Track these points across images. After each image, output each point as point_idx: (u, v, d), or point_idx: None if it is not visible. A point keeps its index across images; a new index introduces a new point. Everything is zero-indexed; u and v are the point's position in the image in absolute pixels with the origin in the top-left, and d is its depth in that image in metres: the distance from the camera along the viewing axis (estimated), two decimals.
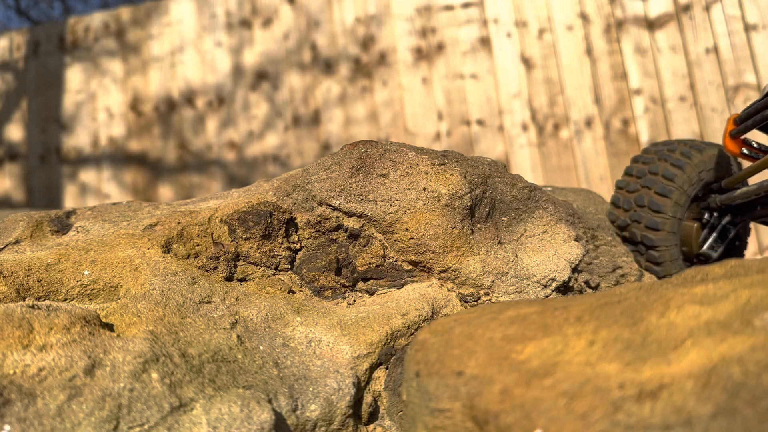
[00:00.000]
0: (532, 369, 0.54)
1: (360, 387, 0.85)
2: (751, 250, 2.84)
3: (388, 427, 0.86)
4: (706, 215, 1.38)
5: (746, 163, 2.43)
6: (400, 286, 1.05)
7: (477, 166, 1.13)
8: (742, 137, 1.28)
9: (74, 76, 3.86)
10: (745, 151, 1.28)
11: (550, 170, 3.10)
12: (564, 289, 1.09)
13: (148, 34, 3.77)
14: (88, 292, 0.87)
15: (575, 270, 1.11)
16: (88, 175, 3.78)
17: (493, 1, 3.28)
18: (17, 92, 3.96)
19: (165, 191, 3.65)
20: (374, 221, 1.04)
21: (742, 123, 1.23)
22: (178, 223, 1.00)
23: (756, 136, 2.02)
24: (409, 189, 1.05)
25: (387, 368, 0.90)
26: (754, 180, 2.40)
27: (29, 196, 3.88)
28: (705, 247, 1.37)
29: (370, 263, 1.05)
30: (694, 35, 3.00)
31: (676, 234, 1.35)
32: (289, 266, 1.05)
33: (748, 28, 2.92)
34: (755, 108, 1.19)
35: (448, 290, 1.03)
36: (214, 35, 3.65)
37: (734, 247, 1.49)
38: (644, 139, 3.00)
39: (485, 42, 3.27)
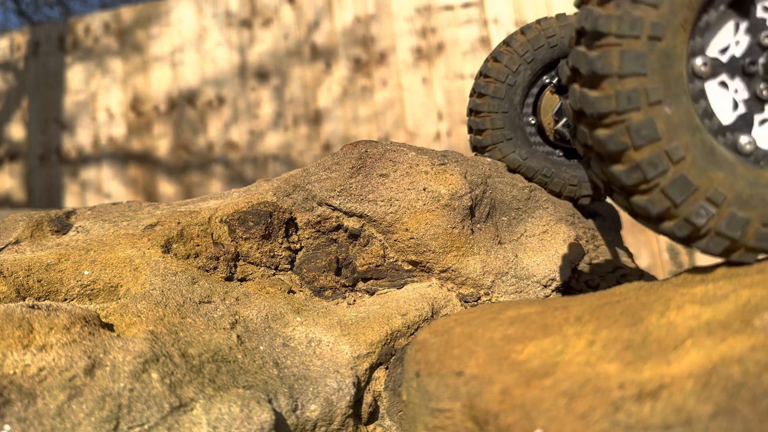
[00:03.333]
0: (532, 369, 0.54)
1: (360, 387, 0.85)
2: None
3: (388, 427, 0.86)
4: (547, 78, 1.22)
5: None
6: (400, 286, 1.05)
7: (477, 166, 1.13)
8: None
9: (74, 76, 3.86)
10: None
11: None
12: (564, 289, 1.09)
13: (148, 33, 3.77)
14: (88, 292, 0.87)
15: (575, 270, 1.11)
16: (88, 175, 3.79)
17: (493, 1, 3.28)
18: (17, 92, 3.96)
19: (165, 191, 3.65)
20: (374, 221, 1.04)
21: None
22: (178, 223, 1.00)
23: None
24: (409, 189, 1.05)
25: (387, 368, 0.90)
26: None
27: (29, 196, 3.88)
28: (561, 123, 1.22)
29: (370, 263, 1.05)
30: None
31: (503, 100, 1.21)
32: (289, 266, 1.05)
33: None
34: None
35: (448, 290, 1.03)
36: (215, 35, 3.65)
37: None
38: None
39: (485, 42, 3.27)
